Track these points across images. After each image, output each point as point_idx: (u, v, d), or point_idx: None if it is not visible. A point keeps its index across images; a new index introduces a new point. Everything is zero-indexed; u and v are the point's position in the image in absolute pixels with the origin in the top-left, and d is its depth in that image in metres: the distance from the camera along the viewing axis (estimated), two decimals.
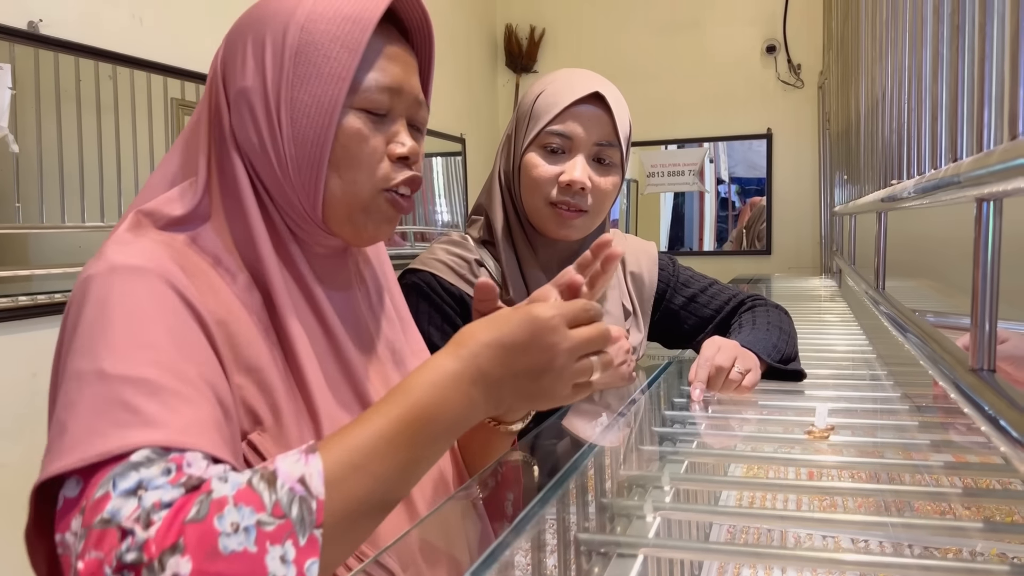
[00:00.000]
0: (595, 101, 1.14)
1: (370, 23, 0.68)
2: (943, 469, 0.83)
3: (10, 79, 1.86)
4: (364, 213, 0.72)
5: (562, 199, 1.13)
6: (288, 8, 0.70)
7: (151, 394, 0.55)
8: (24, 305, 1.93)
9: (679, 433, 0.94)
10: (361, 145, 0.70)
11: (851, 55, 2.36)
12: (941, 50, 0.93)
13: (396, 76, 0.71)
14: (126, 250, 0.63)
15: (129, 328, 0.58)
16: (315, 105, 0.68)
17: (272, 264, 0.69)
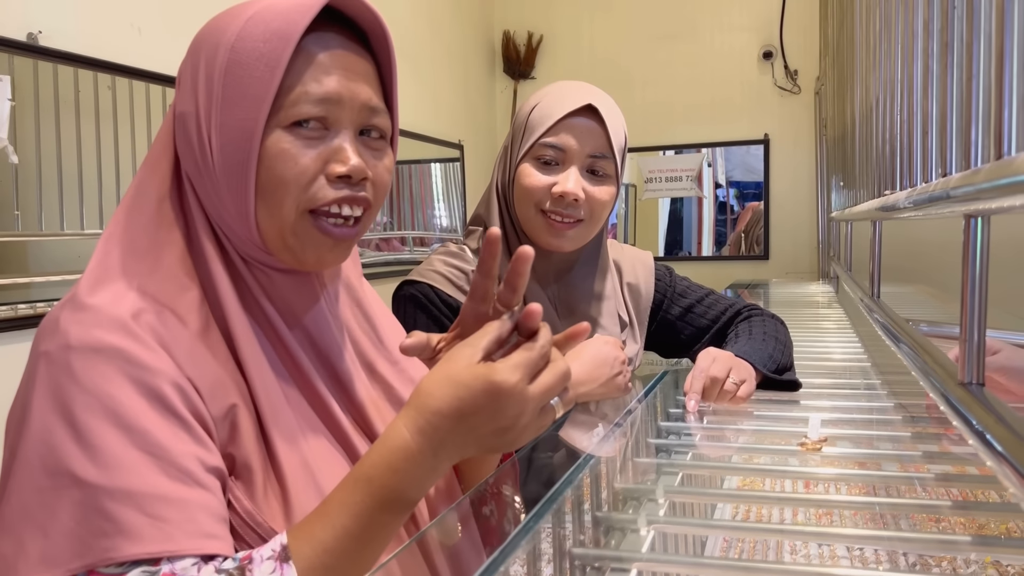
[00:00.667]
0: (588, 113, 1.15)
1: (293, 37, 0.63)
2: (936, 480, 0.84)
3: (9, 91, 1.87)
4: (295, 237, 0.67)
5: (554, 210, 1.14)
6: (223, 26, 0.67)
7: (130, 503, 0.55)
8: (25, 315, 1.94)
9: (674, 444, 0.95)
10: (286, 166, 0.64)
11: (846, 62, 2.37)
12: (931, 65, 0.94)
13: (331, 86, 0.65)
14: (82, 320, 0.60)
15: (98, 427, 0.56)
16: (239, 128, 0.64)
17: (228, 297, 0.67)
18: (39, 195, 1.97)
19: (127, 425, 0.57)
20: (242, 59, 0.64)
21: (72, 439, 0.56)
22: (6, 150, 1.87)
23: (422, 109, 3.91)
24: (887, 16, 1.37)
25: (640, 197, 4.51)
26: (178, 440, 0.59)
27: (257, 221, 0.66)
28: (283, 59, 0.63)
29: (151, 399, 0.59)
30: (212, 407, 0.63)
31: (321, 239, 0.67)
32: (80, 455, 0.56)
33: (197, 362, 0.63)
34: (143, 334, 0.61)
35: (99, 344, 0.59)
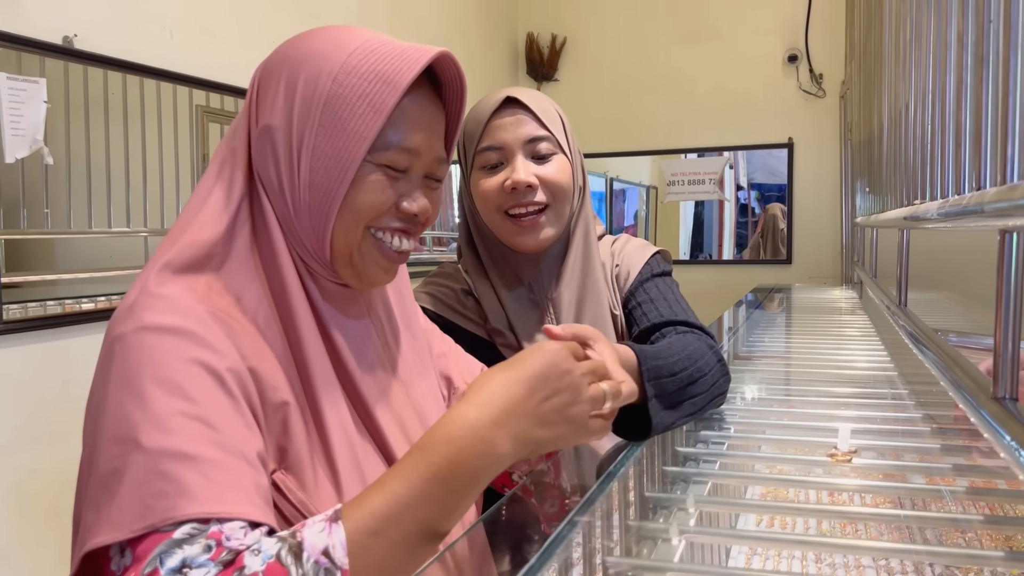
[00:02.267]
0: (512, 105, 1.15)
1: (401, 87, 0.69)
2: (966, 494, 0.84)
3: (45, 93, 1.90)
4: (359, 255, 0.73)
5: (515, 203, 1.13)
6: (325, 53, 0.71)
7: (189, 465, 0.58)
8: (55, 314, 1.98)
9: (702, 453, 0.95)
10: (373, 196, 0.71)
11: (874, 67, 2.36)
12: (965, 77, 0.94)
13: (418, 141, 0.73)
14: (155, 305, 0.64)
15: (163, 397, 0.60)
16: (335, 157, 0.69)
17: (297, 298, 0.71)
18: (68, 194, 2.01)
19: (189, 397, 0.60)
20: (345, 93, 0.69)
21: (139, 408, 0.59)
22: (41, 151, 1.90)
23: None
24: (918, 25, 1.37)
25: (662, 200, 4.51)
26: (233, 420, 0.62)
27: (332, 238, 0.72)
28: (389, 106, 0.69)
29: (214, 378, 0.62)
30: (265, 399, 0.66)
31: (380, 259, 0.75)
32: (144, 422, 0.59)
33: (258, 354, 0.67)
34: (211, 322, 0.65)
35: (170, 326, 0.63)
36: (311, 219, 0.71)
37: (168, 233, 0.73)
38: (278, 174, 0.71)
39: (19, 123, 1.85)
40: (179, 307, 0.64)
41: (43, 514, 1.90)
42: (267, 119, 0.72)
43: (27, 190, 1.90)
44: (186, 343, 0.62)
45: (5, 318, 1.84)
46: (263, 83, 0.74)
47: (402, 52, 0.71)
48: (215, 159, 0.76)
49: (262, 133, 0.72)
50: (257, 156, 0.73)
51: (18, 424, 1.87)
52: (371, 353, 0.78)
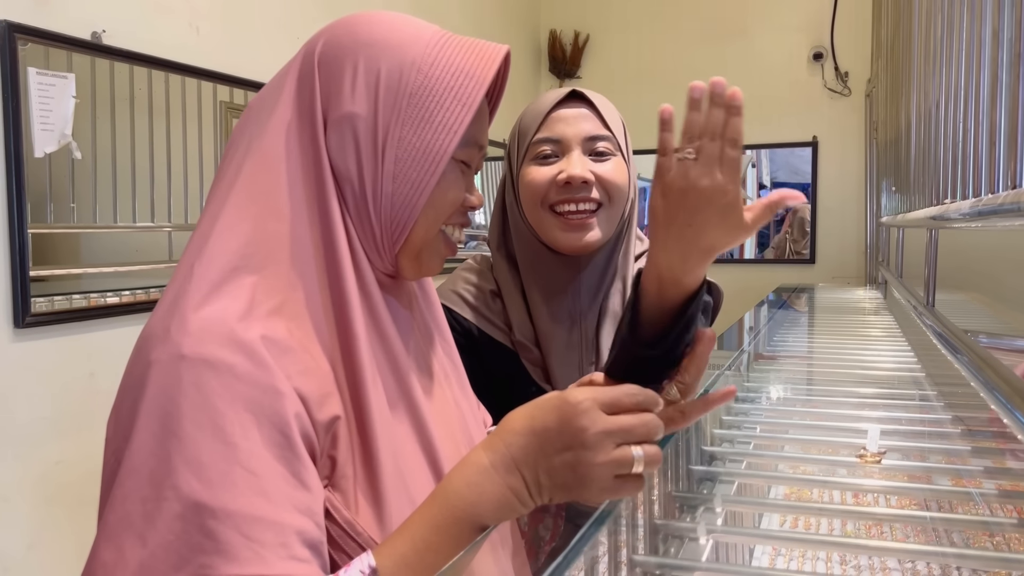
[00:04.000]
0: (575, 101, 1.12)
1: (484, 81, 0.70)
2: (996, 497, 0.83)
3: (74, 88, 1.92)
4: (427, 250, 0.74)
5: (566, 198, 1.06)
6: (404, 42, 0.71)
7: (229, 521, 0.56)
8: (80, 307, 2.00)
9: (728, 453, 0.94)
10: (454, 193, 0.72)
11: (902, 66, 2.33)
12: (1000, 74, 0.92)
13: (484, 136, 0.75)
14: (194, 330, 0.60)
15: (203, 441, 0.57)
16: (424, 150, 0.69)
17: (352, 291, 0.68)
18: (94, 188, 2.03)
19: (232, 443, 0.57)
20: (433, 86, 0.69)
21: (178, 451, 0.56)
22: (70, 146, 1.92)
23: None
24: (950, 22, 1.35)
25: None
26: (281, 461, 0.59)
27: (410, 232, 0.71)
28: (476, 100, 0.70)
29: (259, 418, 0.59)
30: (317, 418, 0.63)
31: (444, 251, 0.76)
32: (184, 469, 0.56)
33: (307, 371, 0.63)
34: (256, 347, 0.60)
35: (211, 358, 0.59)
36: (392, 211, 0.70)
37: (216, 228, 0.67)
38: (359, 163, 0.69)
39: (48, 118, 1.87)
40: (219, 333, 0.60)
41: (69, 504, 1.93)
42: (347, 107, 0.69)
43: (54, 185, 1.92)
44: (228, 378, 0.58)
45: (33, 311, 1.86)
46: (328, 66, 0.70)
47: (475, 47, 0.72)
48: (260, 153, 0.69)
49: (342, 121, 0.69)
50: (334, 143, 0.70)
51: (45, 416, 1.90)
52: (417, 346, 0.78)
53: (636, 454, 0.60)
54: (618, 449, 0.59)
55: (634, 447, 0.60)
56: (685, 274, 0.71)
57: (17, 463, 1.85)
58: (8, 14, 1.80)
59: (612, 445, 0.59)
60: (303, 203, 0.68)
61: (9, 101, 1.79)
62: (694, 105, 0.74)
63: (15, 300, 1.83)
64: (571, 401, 0.60)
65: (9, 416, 1.83)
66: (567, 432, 0.59)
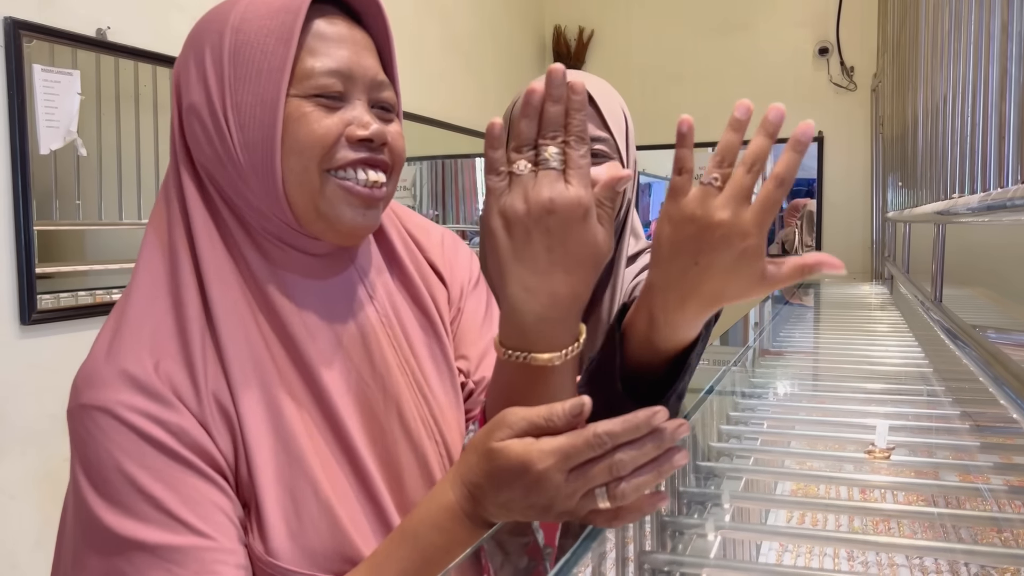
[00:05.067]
0: None
1: (301, 9, 0.64)
2: (1006, 493, 0.82)
3: (79, 85, 1.92)
4: (325, 201, 0.66)
5: None
6: (221, 15, 0.68)
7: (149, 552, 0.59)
8: (86, 304, 2.00)
9: (736, 449, 0.94)
10: (311, 128, 0.65)
11: (908, 60, 2.32)
12: (1009, 68, 0.92)
13: (343, 58, 0.67)
14: (94, 378, 0.63)
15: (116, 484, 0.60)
16: (259, 104, 0.65)
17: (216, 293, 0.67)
18: (99, 185, 2.03)
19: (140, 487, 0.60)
20: (250, 38, 0.65)
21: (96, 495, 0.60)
22: (75, 143, 1.92)
23: (472, 103, 3.93)
24: (958, 15, 1.34)
25: None
26: (189, 489, 0.61)
27: (287, 194, 0.66)
28: (295, 31, 0.64)
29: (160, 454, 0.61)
30: (223, 445, 0.64)
31: (349, 199, 0.67)
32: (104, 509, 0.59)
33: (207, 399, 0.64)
34: (153, 385, 0.62)
35: (104, 403, 0.61)
36: (259, 178, 0.65)
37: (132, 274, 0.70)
38: (212, 148, 0.66)
39: (53, 115, 1.87)
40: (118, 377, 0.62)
41: None
42: (187, 99, 0.68)
43: (59, 181, 1.92)
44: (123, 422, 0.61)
45: (39, 308, 1.87)
46: (179, 72, 0.70)
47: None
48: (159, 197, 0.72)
49: (187, 114, 0.68)
50: (190, 139, 0.68)
51: (52, 413, 1.90)
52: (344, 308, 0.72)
53: (599, 495, 0.56)
54: (584, 499, 0.56)
55: (597, 489, 0.56)
56: (681, 322, 0.62)
57: (24, 460, 1.86)
58: (13, 11, 1.80)
59: (579, 495, 0.56)
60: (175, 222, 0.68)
61: (14, 98, 1.79)
62: (736, 126, 0.64)
63: (21, 297, 1.84)
64: (533, 471, 0.56)
65: (16, 413, 1.83)
66: (533, 496, 0.56)
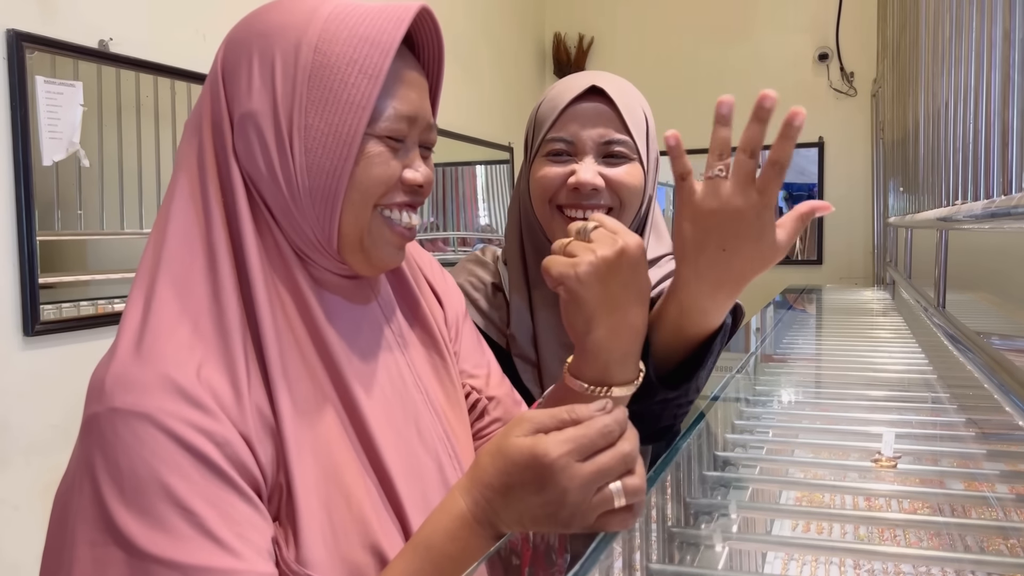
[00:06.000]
0: (595, 97, 1.04)
1: (390, 47, 0.64)
2: (1013, 501, 0.82)
3: (81, 96, 1.93)
4: (370, 237, 0.68)
5: (573, 203, 1.03)
6: (298, 23, 0.65)
7: (180, 571, 0.55)
8: (89, 315, 2.00)
9: (742, 458, 0.94)
10: (380, 172, 0.66)
11: (908, 66, 2.32)
12: (1012, 75, 0.92)
13: (413, 103, 0.68)
14: (128, 381, 0.59)
15: (147, 497, 0.56)
16: (332, 133, 0.64)
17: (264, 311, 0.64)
18: (101, 195, 2.03)
19: (177, 501, 0.56)
20: (331, 62, 0.63)
21: (123, 505, 0.56)
22: (78, 154, 1.93)
23: (472, 111, 3.93)
24: (958, 22, 1.34)
25: None
26: (227, 506, 0.58)
27: (340, 224, 0.66)
28: (383, 69, 0.63)
29: (202, 466, 0.58)
30: (263, 458, 0.62)
31: (392, 238, 0.70)
32: (132, 521, 0.56)
33: (250, 410, 0.62)
34: (195, 392, 0.59)
35: (144, 409, 0.57)
36: (314, 205, 0.65)
37: (143, 255, 0.66)
38: (268, 162, 0.64)
39: (56, 126, 1.87)
40: (155, 381, 0.58)
41: None
42: (245, 106, 0.65)
43: (61, 192, 1.93)
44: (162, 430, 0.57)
45: (42, 319, 1.87)
46: (229, 67, 0.67)
47: (381, 11, 0.65)
48: (178, 168, 0.68)
49: (243, 122, 0.65)
50: (241, 149, 0.66)
51: (55, 424, 1.90)
52: (380, 343, 0.73)
53: (615, 490, 0.57)
54: (598, 494, 0.57)
55: (612, 483, 0.57)
56: (714, 307, 0.68)
57: (27, 471, 1.86)
58: (16, 23, 1.80)
59: (593, 491, 0.56)
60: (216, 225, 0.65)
61: (17, 110, 1.79)
62: (723, 120, 0.71)
63: (24, 309, 1.84)
64: (545, 460, 0.56)
65: (19, 424, 1.83)
66: (546, 492, 0.56)
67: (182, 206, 0.66)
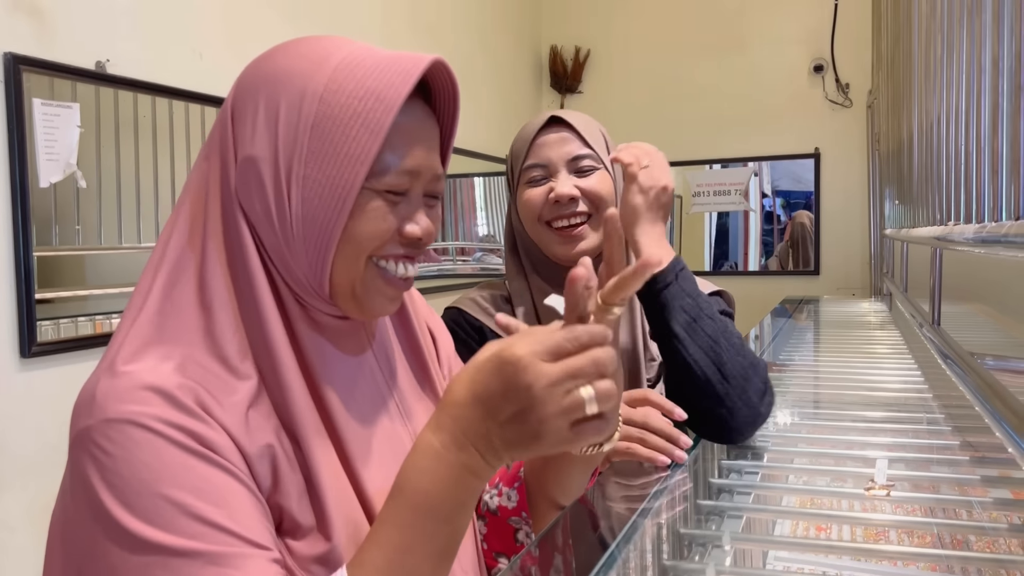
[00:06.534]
0: (556, 126, 1.21)
1: (395, 103, 0.63)
2: (1008, 531, 0.82)
3: (78, 118, 1.93)
4: (363, 287, 0.68)
5: (557, 215, 1.18)
6: (306, 71, 0.65)
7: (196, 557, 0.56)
8: (86, 334, 2.00)
9: (736, 485, 0.94)
10: (375, 226, 0.66)
11: (903, 79, 2.33)
12: (1001, 103, 0.92)
13: (417, 157, 0.68)
14: (119, 393, 0.60)
15: (149, 502, 0.57)
16: (329, 185, 0.64)
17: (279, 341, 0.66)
18: (99, 211, 2.04)
19: (179, 499, 0.57)
20: (334, 114, 0.64)
21: (126, 509, 0.57)
22: (75, 175, 1.93)
23: (469, 124, 3.94)
24: (949, 43, 1.35)
25: (688, 211, 4.48)
26: (231, 498, 0.59)
27: (332, 272, 0.67)
28: (385, 125, 0.63)
29: (199, 463, 0.59)
30: (259, 471, 0.63)
31: (385, 289, 0.69)
32: (137, 522, 0.56)
33: (245, 427, 0.63)
34: (184, 400, 0.60)
35: (134, 416, 0.58)
36: (307, 253, 0.65)
37: (143, 273, 0.67)
38: (265, 207, 0.65)
39: (53, 148, 1.88)
40: (145, 391, 0.60)
41: None
42: (248, 150, 0.66)
43: (59, 208, 1.93)
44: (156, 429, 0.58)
45: (39, 340, 1.87)
46: (238, 108, 0.68)
47: (391, 63, 0.65)
48: (186, 193, 0.69)
49: (244, 165, 0.66)
50: (241, 190, 0.66)
51: (54, 444, 1.90)
52: (368, 392, 0.73)
53: (587, 395, 0.55)
54: (567, 396, 0.55)
55: (583, 387, 0.55)
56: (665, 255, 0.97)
57: (24, 493, 1.85)
58: (13, 46, 1.81)
59: (562, 393, 0.55)
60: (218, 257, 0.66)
61: (14, 132, 1.80)
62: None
63: (21, 330, 1.84)
64: (510, 360, 0.55)
65: (17, 446, 1.83)
66: (512, 392, 0.55)
67: (183, 229, 0.68)
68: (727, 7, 4.35)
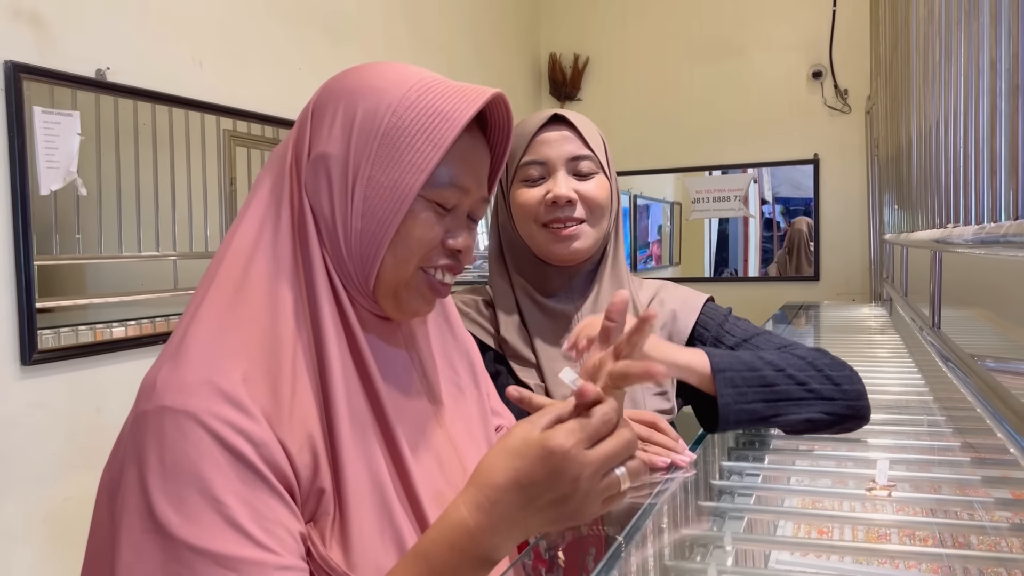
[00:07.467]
0: (558, 124, 1.18)
1: (459, 122, 0.70)
2: (1009, 530, 0.82)
3: (79, 126, 1.94)
4: (406, 289, 0.74)
5: (553, 217, 1.16)
6: (384, 88, 0.73)
7: (212, 559, 0.59)
8: (86, 342, 2.00)
9: (737, 486, 0.94)
10: (423, 233, 0.72)
11: (901, 84, 2.34)
12: (999, 104, 0.93)
13: (469, 179, 0.75)
14: (179, 383, 0.64)
15: (186, 492, 0.60)
16: (391, 188, 0.70)
17: (331, 329, 0.70)
18: (99, 219, 2.04)
19: (212, 495, 0.60)
20: (405, 126, 0.70)
21: (163, 495, 0.60)
22: (75, 183, 1.93)
23: None
24: (947, 47, 1.35)
25: (687, 217, 4.49)
26: (259, 502, 0.62)
27: (380, 270, 0.72)
28: (447, 141, 0.70)
29: (238, 464, 0.62)
30: (299, 463, 0.65)
31: (426, 292, 0.76)
32: (169, 510, 0.59)
33: (290, 420, 0.66)
34: (237, 395, 0.63)
35: (190, 408, 0.62)
36: (361, 248, 0.72)
37: (207, 270, 0.73)
38: (331, 201, 0.72)
39: (54, 156, 1.88)
40: (204, 384, 0.63)
41: (77, 542, 1.92)
42: (322, 147, 0.72)
43: (59, 216, 1.93)
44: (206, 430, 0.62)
45: (40, 348, 1.87)
46: (318, 112, 0.75)
47: (460, 90, 0.73)
48: (259, 187, 0.76)
49: (316, 160, 0.72)
50: (310, 183, 0.73)
51: (54, 452, 1.90)
52: (411, 385, 0.78)
53: (621, 474, 0.61)
54: (605, 479, 0.60)
55: (618, 468, 0.61)
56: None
57: (25, 501, 1.85)
58: (13, 54, 1.82)
59: (600, 477, 0.60)
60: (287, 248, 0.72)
61: (15, 140, 1.80)
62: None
63: (22, 337, 1.84)
64: (556, 451, 0.58)
65: (17, 453, 1.83)
66: (556, 482, 0.59)
67: (250, 227, 0.73)
68: (726, 14, 4.36)
